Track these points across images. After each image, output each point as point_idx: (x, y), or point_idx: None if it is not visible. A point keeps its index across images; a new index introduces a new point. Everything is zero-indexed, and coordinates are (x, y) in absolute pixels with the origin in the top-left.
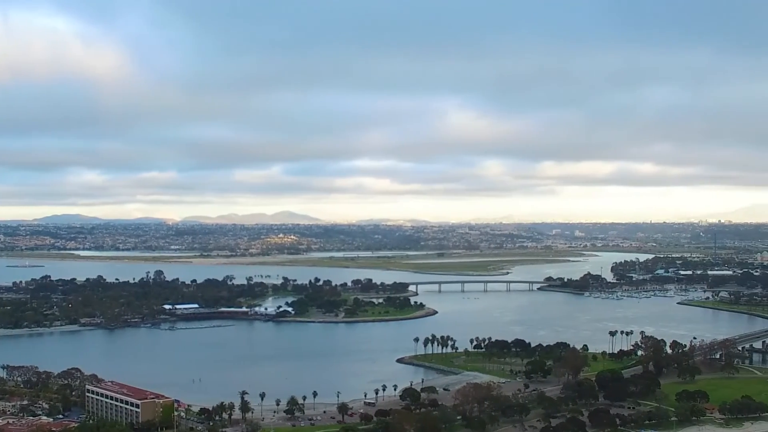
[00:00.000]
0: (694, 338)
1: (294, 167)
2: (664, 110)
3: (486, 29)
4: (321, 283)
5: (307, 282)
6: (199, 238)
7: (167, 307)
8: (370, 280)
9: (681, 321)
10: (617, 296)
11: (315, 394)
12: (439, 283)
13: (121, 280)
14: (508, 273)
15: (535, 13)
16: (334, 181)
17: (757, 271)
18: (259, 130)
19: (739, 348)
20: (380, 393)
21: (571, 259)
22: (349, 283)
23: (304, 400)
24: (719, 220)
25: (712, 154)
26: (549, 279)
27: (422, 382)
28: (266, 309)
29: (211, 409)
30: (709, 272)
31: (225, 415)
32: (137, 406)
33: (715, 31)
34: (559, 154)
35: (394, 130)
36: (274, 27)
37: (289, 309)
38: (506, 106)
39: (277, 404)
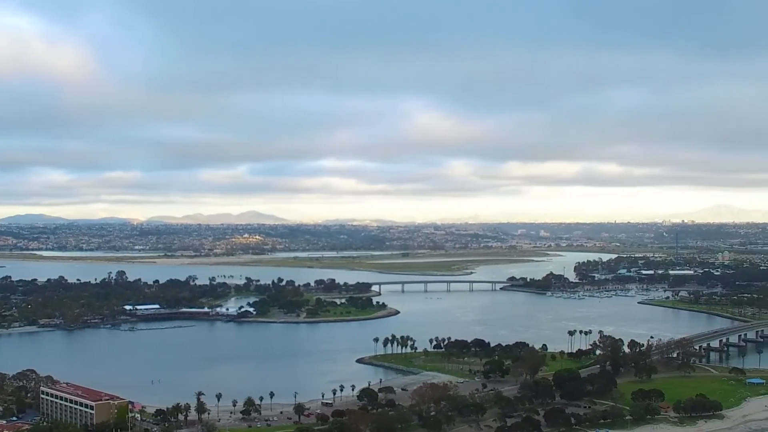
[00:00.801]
0: (651, 337)
1: (260, 167)
2: (629, 111)
3: (452, 31)
4: (284, 283)
5: (270, 282)
6: (163, 238)
7: (128, 307)
8: (333, 280)
9: (641, 320)
10: (579, 296)
11: (272, 394)
12: (403, 283)
13: (82, 281)
14: (471, 273)
15: (501, 15)
16: (301, 181)
17: (717, 271)
18: (224, 130)
19: (696, 347)
20: (338, 393)
21: (535, 259)
22: (312, 284)
23: (261, 400)
24: (683, 220)
25: (676, 155)
26: (512, 279)
27: (380, 382)
28: (227, 309)
29: (166, 410)
30: (671, 272)
31: (181, 417)
32: (91, 407)
33: (679, 35)
34: (525, 155)
35: (360, 130)
36: (239, 27)
37: (251, 309)
38: (472, 106)
39: (234, 405)
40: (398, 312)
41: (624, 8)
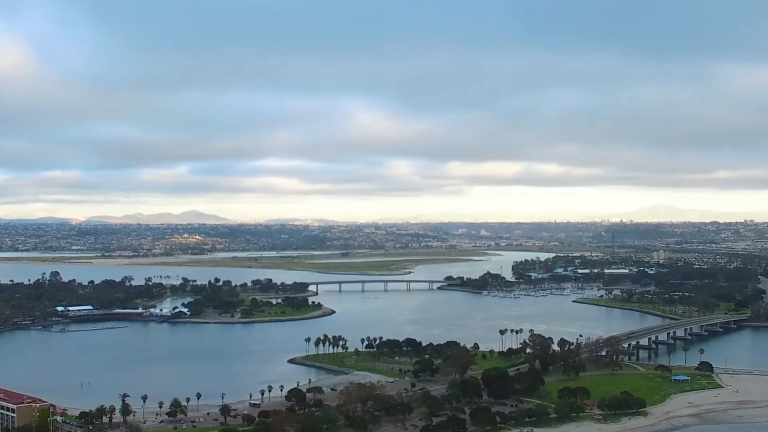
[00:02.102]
0: (580, 336)
1: (201, 167)
2: (569, 112)
3: (392, 31)
4: (221, 283)
5: (207, 282)
6: (102, 238)
7: (60, 309)
8: (270, 280)
9: (574, 319)
10: (515, 295)
11: (199, 395)
12: (340, 283)
13: (15, 282)
14: (410, 273)
15: (441, 16)
16: (242, 180)
17: (652, 270)
18: (165, 129)
19: (626, 345)
20: (266, 394)
21: (474, 258)
22: (249, 284)
23: (188, 402)
24: (621, 220)
25: (616, 156)
26: (449, 278)
27: (309, 382)
28: (161, 310)
29: (90, 412)
30: (606, 271)
31: (106, 419)
32: (13, 410)
33: (619, 36)
34: (466, 155)
35: (302, 130)
36: (180, 26)
37: (185, 310)
38: (413, 107)
39: (160, 406)
40: (334, 312)
41: (562, 11)
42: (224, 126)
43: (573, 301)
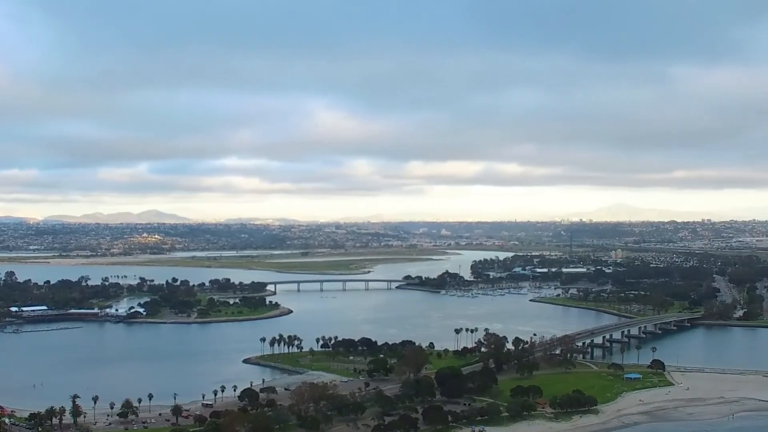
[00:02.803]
0: (534, 335)
1: (161, 166)
2: (527, 112)
3: (351, 31)
4: (178, 283)
5: (164, 282)
6: (60, 237)
7: (14, 309)
8: (228, 279)
9: (530, 318)
10: (472, 294)
11: (151, 396)
12: (298, 282)
13: None
14: (369, 272)
15: (398, 16)
16: (203, 179)
17: (609, 269)
18: (124, 127)
19: (580, 344)
20: (219, 394)
21: (434, 257)
22: (207, 283)
23: (140, 402)
24: (581, 219)
25: (574, 156)
26: (407, 277)
27: (263, 382)
28: (117, 310)
29: (38, 414)
30: (564, 270)
31: (55, 420)
32: None
33: (575, 37)
34: (427, 155)
35: (262, 129)
36: (138, 25)
37: (141, 310)
38: (373, 106)
39: (111, 407)
40: (291, 311)
41: (517, 11)
42: (184, 125)
43: (530, 300)
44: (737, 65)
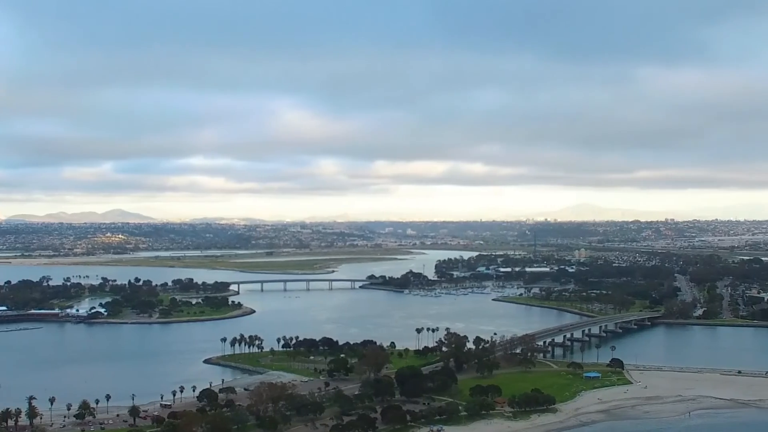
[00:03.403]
0: (495, 334)
1: (126, 165)
2: (491, 113)
3: (314, 31)
4: (141, 283)
5: (126, 282)
6: (22, 237)
7: None
8: (191, 279)
9: (492, 317)
10: (436, 294)
11: (108, 397)
12: (262, 282)
13: None
14: (333, 271)
15: (362, 16)
16: (168, 179)
17: (572, 268)
18: (88, 126)
19: (541, 343)
20: (178, 395)
21: (399, 257)
22: (170, 283)
23: (97, 403)
24: (546, 219)
25: (539, 156)
26: (371, 277)
27: (222, 382)
28: (77, 311)
29: None
30: (527, 269)
31: (11, 422)
32: None
33: (537, 39)
34: (393, 154)
35: (228, 128)
36: (102, 24)
37: (102, 310)
38: (339, 106)
39: (68, 409)
40: (254, 311)
41: (480, 12)
42: (148, 124)
43: (493, 300)
44: (699, 66)
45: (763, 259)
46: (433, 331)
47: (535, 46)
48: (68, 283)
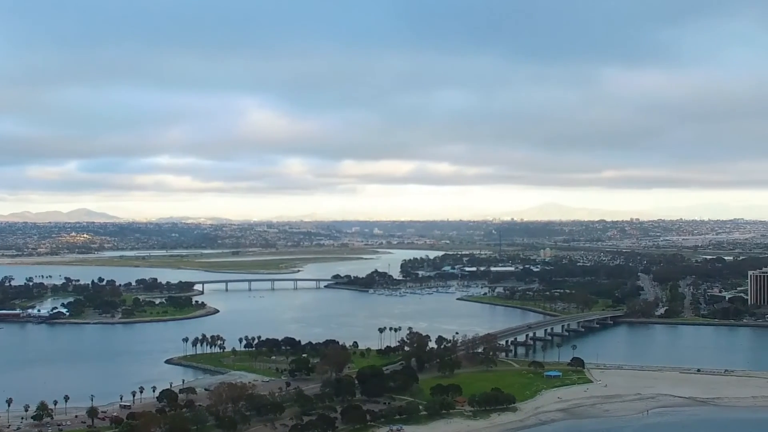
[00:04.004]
0: (456, 333)
1: (91, 164)
2: (456, 113)
3: (279, 30)
4: (104, 283)
5: (89, 282)
6: None
7: None
8: (155, 279)
9: (456, 316)
10: (400, 293)
11: (67, 398)
12: (226, 282)
13: None
14: (299, 271)
15: (329, 16)
16: (134, 178)
17: (537, 267)
18: (52, 125)
19: (503, 342)
20: (138, 395)
21: (365, 256)
22: (134, 283)
23: (56, 404)
24: (512, 218)
25: (506, 155)
26: (336, 277)
27: (183, 383)
28: (39, 311)
29: None
30: (492, 269)
31: None
32: None
33: (501, 39)
34: (360, 154)
35: (194, 127)
36: (64, 22)
37: (64, 310)
38: (305, 105)
39: (26, 410)
40: (217, 311)
41: (443, 12)
42: (114, 123)
43: (457, 299)
44: (661, 67)
45: (725, 258)
46: (395, 330)
47: (499, 47)
48: (31, 284)
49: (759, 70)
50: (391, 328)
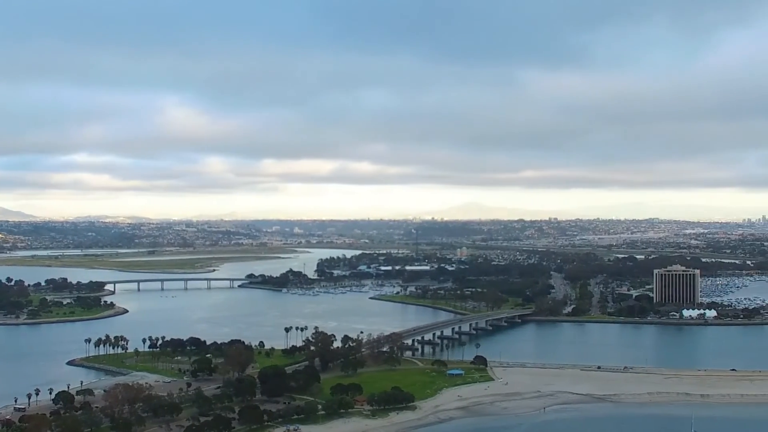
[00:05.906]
0: (361, 332)
1: (6, 162)
2: (379, 112)
3: (199, 28)
4: (12, 282)
5: None
6: None
7: None
8: (65, 279)
9: (367, 315)
10: (314, 292)
11: None
12: (138, 281)
13: None
14: (214, 270)
15: (251, 14)
16: (51, 176)
17: (452, 266)
18: None
19: (410, 341)
20: (34, 398)
21: (283, 256)
22: (43, 283)
23: None
24: (432, 218)
25: (427, 155)
26: (251, 276)
27: (81, 384)
28: None
29: None
30: (407, 268)
31: None
32: None
33: (423, 40)
34: (280, 152)
35: (113, 125)
36: None
37: None
38: (225, 104)
39: None
40: (126, 311)
41: (368, 13)
42: (30, 120)
43: (370, 298)
44: (579, 70)
45: (637, 257)
46: (302, 330)
47: (422, 48)
48: None
49: (673, 73)
50: (297, 328)
